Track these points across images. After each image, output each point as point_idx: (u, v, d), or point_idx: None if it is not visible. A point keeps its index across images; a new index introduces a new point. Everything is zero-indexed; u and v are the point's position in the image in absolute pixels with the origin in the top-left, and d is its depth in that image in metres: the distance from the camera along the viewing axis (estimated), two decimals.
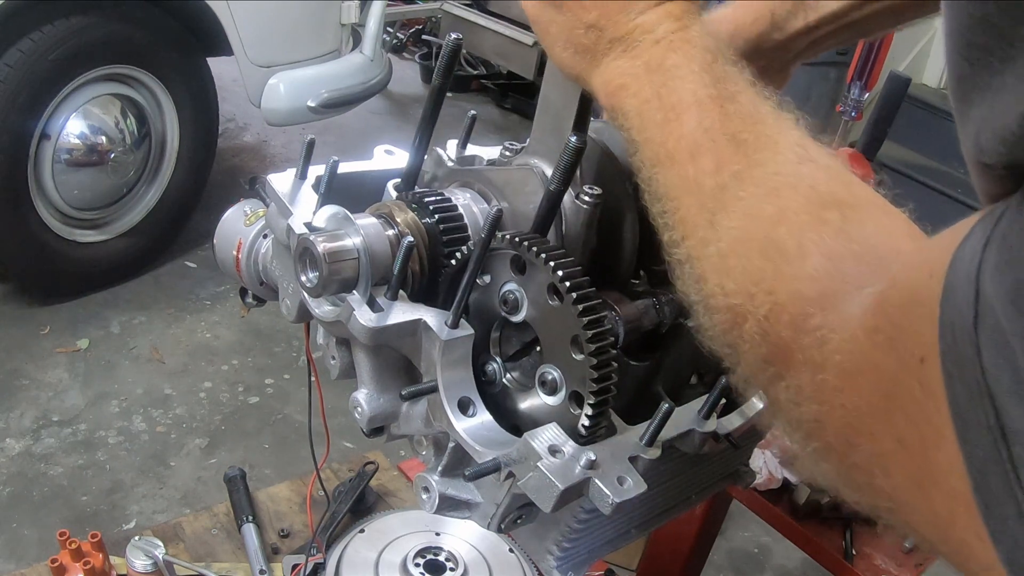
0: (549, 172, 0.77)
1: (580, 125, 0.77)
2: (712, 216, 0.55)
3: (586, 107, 0.76)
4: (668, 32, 0.61)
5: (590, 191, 0.75)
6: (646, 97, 0.60)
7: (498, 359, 0.78)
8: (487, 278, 0.75)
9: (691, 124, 0.57)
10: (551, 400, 0.74)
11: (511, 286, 0.72)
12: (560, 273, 0.68)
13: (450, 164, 0.88)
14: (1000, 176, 0.39)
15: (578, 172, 0.74)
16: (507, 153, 0.86)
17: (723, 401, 0.78)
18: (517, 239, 0.71)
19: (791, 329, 0.49)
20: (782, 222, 0.52)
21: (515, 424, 0.76)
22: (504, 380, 0.78)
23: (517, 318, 0.73)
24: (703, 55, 0.60)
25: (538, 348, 0.74)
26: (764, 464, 1.82)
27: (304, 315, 0.86)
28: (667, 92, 0.59)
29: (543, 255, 0.69)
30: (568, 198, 0.76)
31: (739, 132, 0.56)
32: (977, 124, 0.38)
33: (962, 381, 0.38)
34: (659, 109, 0.59)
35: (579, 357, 0.69)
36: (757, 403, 0.82)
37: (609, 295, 0.77)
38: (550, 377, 0.73)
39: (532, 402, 0.76)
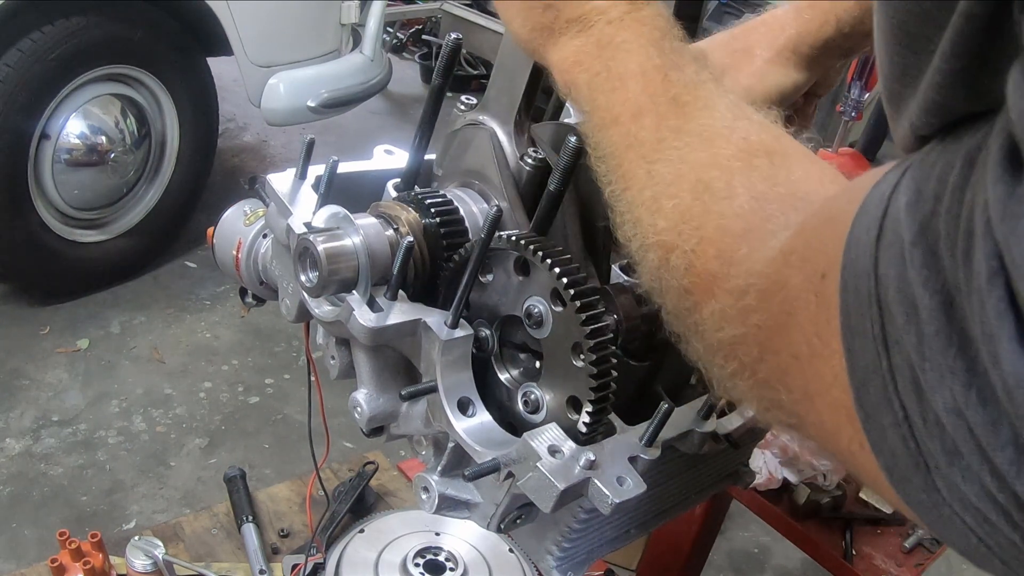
0: (499, 130, 0.82)
1: (531, 89, 0.81)
2: (650, 166, 0.58)
3: (538, 72, 0.79)
4: (622, 13, 0.64)
5: (534, 154, 0.79)
6: (596, 71, 0.64)
7: (489, 328, 0.77)
8: (490, 276, 0.75)
9: (635, 90, 0.61)
10: (535, 418, 0.74)
11: (533, 301, 0.72)
12: (558, 270, 0.68)
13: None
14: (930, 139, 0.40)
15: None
16: (461, 108, 0.87)
17: (723, 401, 0.78)
18: (517, 239, 0.71)
19: (718, 261, 0.52)
20: (713, 166, 0.55)
21: (512, 423, 0.76)
22: (497, 352, 0.78)
23: (541, 334, 0.72)
24: (651, 32, 0.63)
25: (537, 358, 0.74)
26: (764, 464, 1.82)
27: (304, 315, 0.86)
28: (615, 64, 0.63)
29: (542, 255, 0.69)
30: (515, 160, 0.80)
31: (680, 95, 0.60)
32: (910, 107, 0.40)
33: (856, 292, 0.39)
34: (607, 79, 0.63)
35: (579, 364, 0.69)
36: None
37: (609, 295, 0.77)
38: (533, 396, 0.74)
39: (547, 396, 0.76)
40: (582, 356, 0.69)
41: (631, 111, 0.61)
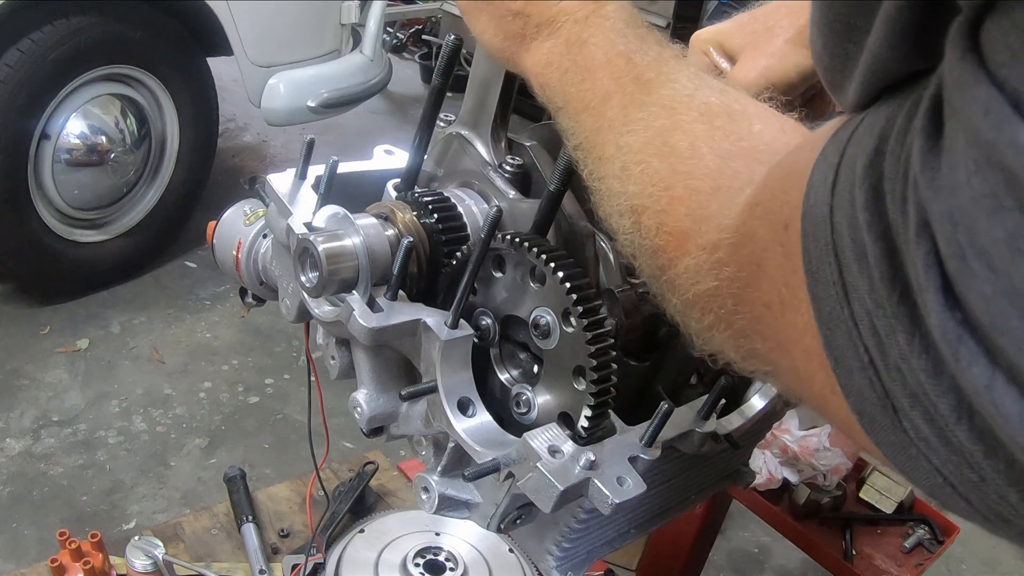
0: (475, 141, 0.85)
1: (505, 99, 0.84)
2: (618, 138, 0.60)
3: (511, 83, 0.83)
4: (588, 12, 0.67)
5: (512, 161, 0.82)
6: (566, 67, 0.67)
7: (491, 315, 0.77)
8: (500, 274, 0.75)
9: (602, 77, 0.64)
10: (524, 419, 0.75)
11: (542, 311, 0.72)
12: (573, 293, 0.68)
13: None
14: None
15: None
16: (442, 124, 0.89)
17: (723, 401, 0.78)
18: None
19: (689, 219, 0.53)
20: (677, 129, 0.57)
21: (501, 415, 0.76)
22: (497, 343, 0.78)
23: (546, 345, 0.72)
24: (615, 24, 0.66)
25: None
26: (764, 464, 1.82)
27: (304, 315, 0.86)
28: (582, 58, 0.66)
29: (559, 272, 0.69)
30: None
31: (642, 73, 0.62)
32: (850, 89, 0.42)
33: (815, 240, 0.40)
34: (576, 73, 0.65)
35: (579, 387, 0.69)
36: (757, 403, 0.82)
37: (613, 297, 0.77)
38: (524, 398, 0.75)
39: (540, 400, 0.76)
40: (583, 379, 0.69)
41: (600, 96, 0.63)
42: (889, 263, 0.35)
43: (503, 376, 0.78)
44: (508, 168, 0.82)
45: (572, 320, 0.69)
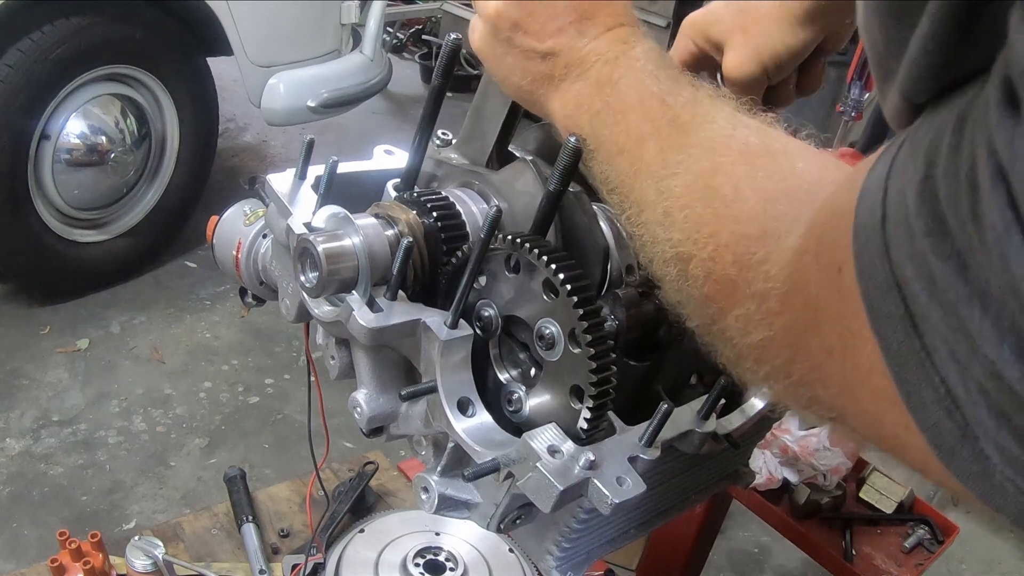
0: (469, 171, 0.85)
1: (504, 135, 0.84)
2: (658, 183, 0.59)
3: (512, 118, 0.83)
4: (617, 53, 0.67)
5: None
6: (597, 109, 0.66)
7: (495, 309, 0.76)
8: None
9: (636, 119, 0.63)
10: (514, 417, 0.75)
11: (548, 323, 0.71)
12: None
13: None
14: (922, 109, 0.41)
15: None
16: (437, 142, 0.89)
17: (723, 401, 0.78)
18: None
19: (736, 267, 0.52)
20: (718, 172, 0.56)
21: (489, 402, 0.76)
22: (498, 339, 0.78)
23: (548, 356, 0.72)
24: (646, 65, 0.66)
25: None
26: (764, 464, 1.82)
27: (304, 315, 0.86)
28: (614, 99, 0.65)
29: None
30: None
31: (679, 115, 0.62)
32: (899, 77, 0.41)
33: (873, 278, 0.39)
34: (609, 114, 0.65)
35: (575, 407, 0.69)
36: (757, 403, 0.82)
37: (617, 298, 0.77)
38: (516, 397, 0.75)
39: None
40: (579, 400, 0.69)
41: (635, 138, 0.62)
42: (963, 280, 0.34)
43: (501, 375, 0.78)
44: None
45: (579, 342, 0.68)
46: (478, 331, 0.75)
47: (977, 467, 0.36)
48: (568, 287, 0.68)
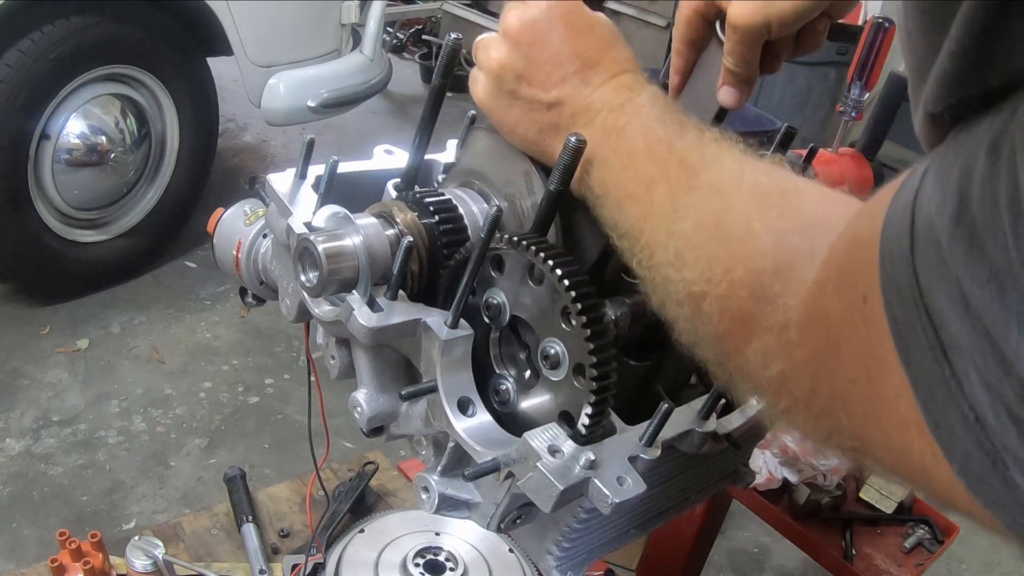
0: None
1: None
2: (669, 226, 0.60)
3: None
4: (623, 100, 0.68)
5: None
6: (604, 156, 0.66)
7: (504, 297, 0.76)
8: (532, 286, 0.75)
9: (644, 163, 0.63)
10: (501, 408, 0.75)
11: (553, 343, 0.71)
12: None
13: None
14: (949, 128, 0.40)
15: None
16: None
17: (723, 401, 0.78)
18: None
19: (753, 300, 0.52)
20: (729, 211, 0.57)
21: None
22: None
23: (550, 374, 0.72)
24: (651, 111, 0.67)
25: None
26: (764, 464, 1.82)
27: (304, 315, 0.86)
28: (621, 146, 0.65)
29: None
30: None
31: (686, 158, 0.62)
32: (928, 84, 0.40)
33: (901, 306, 0.39)
34: (616, 161, 0.65)
35: (565, 429, 0.69)
36: (757, 403, 0.82)
37: (620, 301, 0.77)
38: (503, 387, 0.75)
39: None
40: (575, 420, 0.69)
41: (643, 183, 0.63)
42: (1000, 304, 0.34)
43: (498, 370, 0.78)
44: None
45: (585, 375, 0.68)
46: (487, 320, 0.75)
47: (1007, 495, 0.36)
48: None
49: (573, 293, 0.67)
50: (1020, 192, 0.33)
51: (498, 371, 0.78)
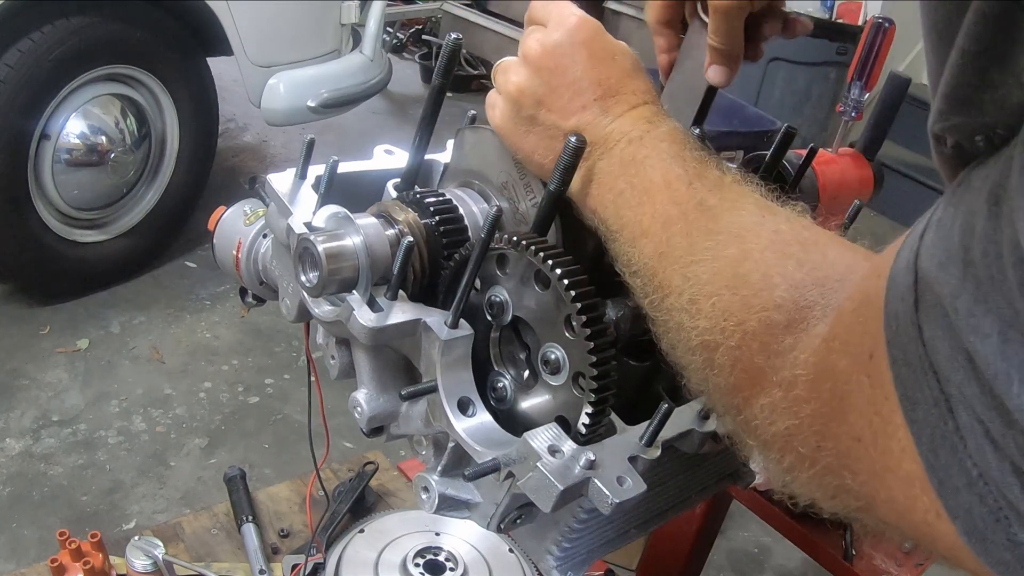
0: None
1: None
2: (685, 269, 0.59)
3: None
4: (642, 132, 0.66)
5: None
6: (621, 189, 0.65)
7: (506, 295, 0.75)
8: (539, 290, 0.75)
9: (662, 200, 0.62)
10: (498, 405, 0.75)
11: (553, 348, 0.71)
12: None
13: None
14: (949, 157, 0.40)
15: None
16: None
17: None
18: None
19: (763, 354, 0.51)
20: (747, 259, 0.56)
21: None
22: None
23: (549, 379, 0.72)
24: (671, 147, 0.65)
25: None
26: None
27: (304, 315, 0.86)
28: (639, 180, 0.64)
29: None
30: None
31: (706, 199, 0.61)
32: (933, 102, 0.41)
33: (907, 363, 0.39)
34: (633, 195, 0.64)
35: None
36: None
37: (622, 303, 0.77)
38: (500, 384, 0.75)
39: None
40: (570, 428, 0.69)
41: (660, 221, 0.61)
42: (1003, 355, 0.34)
43: (496, 368, 0.78)
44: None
45: (582, 388, 0.68)
46: (489, 317, 0.75)
47: (1011, 554, 0.36)
48: (558, 272, 0.68)
49: (579, 305, 0.67)
50: (1022, 245, 0.33)
51: (496, 368, 0.78)
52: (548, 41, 0.71)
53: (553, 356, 0.71)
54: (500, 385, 0.77)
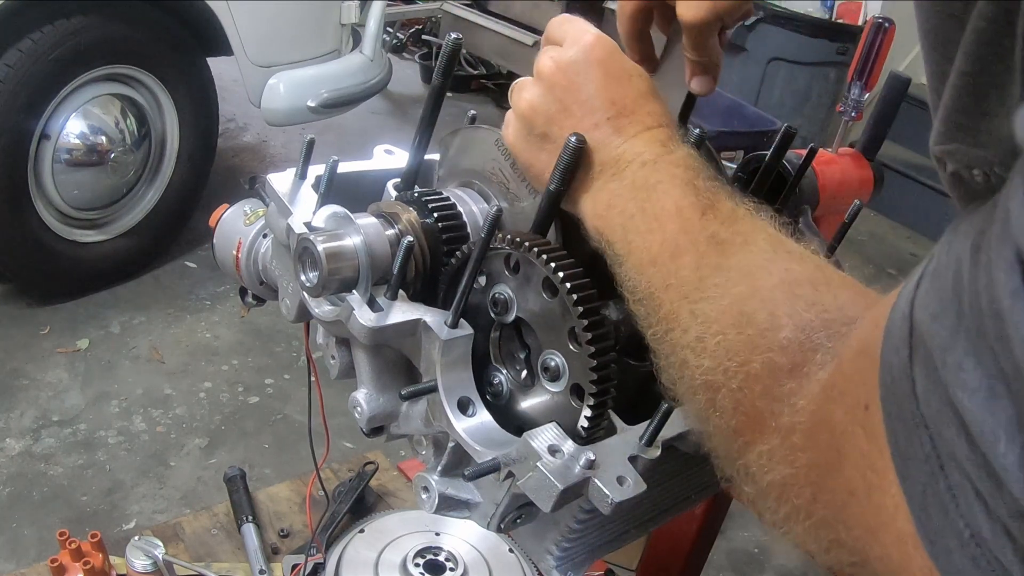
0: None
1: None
2: (692, 305, 0.57)
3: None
4: (655, 155, 0.65)
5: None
6: (631, 213, 0.64)
7: (511, 292, 0.75)
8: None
9: (672, 229, 0.61)
10: (494, 401, 0.75)
11: (553, 355, 0.71)
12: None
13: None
14: (948, 182, 0.40)
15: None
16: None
17: None
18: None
19: (765, 398, 0.50)
20: (755, 297, 0.54)
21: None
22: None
23: (549, 386, 0.72)
24: (685, 172, 0.63)
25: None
26: None
27: (304, 315, 0.86)
28: (650, 205, 0.63)
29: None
30: None
31: (718, 232, 0.60)
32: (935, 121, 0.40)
33: (900, 418, 0.38)
34: (643, 220, 0.63)
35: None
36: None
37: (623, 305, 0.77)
38: (497, 380, 0.75)
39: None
40: (581, 399, 0.69)
41: (669, 250, 0.60)
42: (990, 412, 0.33)
43: (495, 364, 0.78)
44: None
45: (582, 399, 0.68)
46: (493, 314, 0.75)
47: None
48: (567, 286, 0.68)
49: (585, 321, 0.67)
50: (998, 294, 0.32)
51: (495, 365, 0.78)
52: (562, 59, 0.70)
53: (553, 363, 0.71)
54: (497, 382, 0.77)
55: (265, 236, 1.00)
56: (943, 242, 0.39)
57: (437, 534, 1.40)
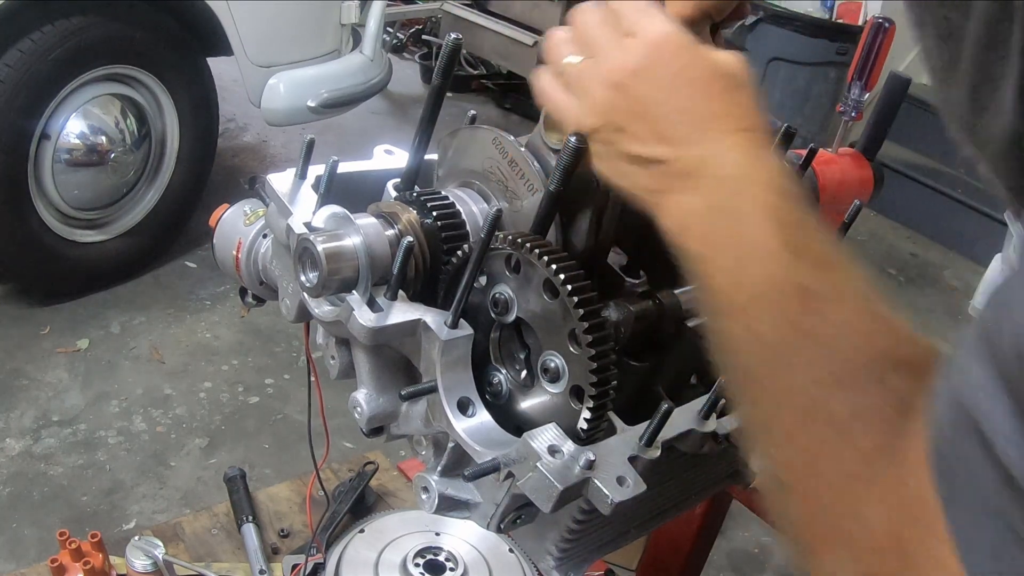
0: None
1: None
2: (771, 370, 0.53)
3: None
4: (735, 170, 0.58)
5: None
6: (712, 242, 0.57)
7: (511, 292, 0.75)
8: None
9: (756, 272, 0.54)
10: (494, 400, 0.75)
11: (553, 356, 0.71)
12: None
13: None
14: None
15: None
16: None
17: (723, 401, 0.78)
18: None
19: (835, 515, 0.49)
20: (840, 384, 0.50)
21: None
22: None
23: (550, 387, 0.72)
24: (768, 197, 0.56)
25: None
26: None
27: (304, 315, 0.86)
28: (733, 240, 0.56)
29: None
30: None
31: (806, 281, 0.53)
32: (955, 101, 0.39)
33: (967, 515, 0.39)
34: (724, 257, 0.56)
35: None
36: None
37: (623, 306, 0.77)
38: (496, 380, 0.75)
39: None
40: (581, 400, 0.69)
41: (749, 294, 0.55)
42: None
43: (495, 364, 0.78)
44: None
45: (581, 400, 0.68)
46: (494, 314, 0.75)
47: None
48: (568, 288, 0.68)
49: (586, 324, 0.67)
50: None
51: (494, 365, 0.78)
52: (630, 58, 0.63)
53: (553, 365, 0.71)
54: (496, 382, 0.77)
55: (265, 236, 1.00)
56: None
57: (437, 534, 1.40)
